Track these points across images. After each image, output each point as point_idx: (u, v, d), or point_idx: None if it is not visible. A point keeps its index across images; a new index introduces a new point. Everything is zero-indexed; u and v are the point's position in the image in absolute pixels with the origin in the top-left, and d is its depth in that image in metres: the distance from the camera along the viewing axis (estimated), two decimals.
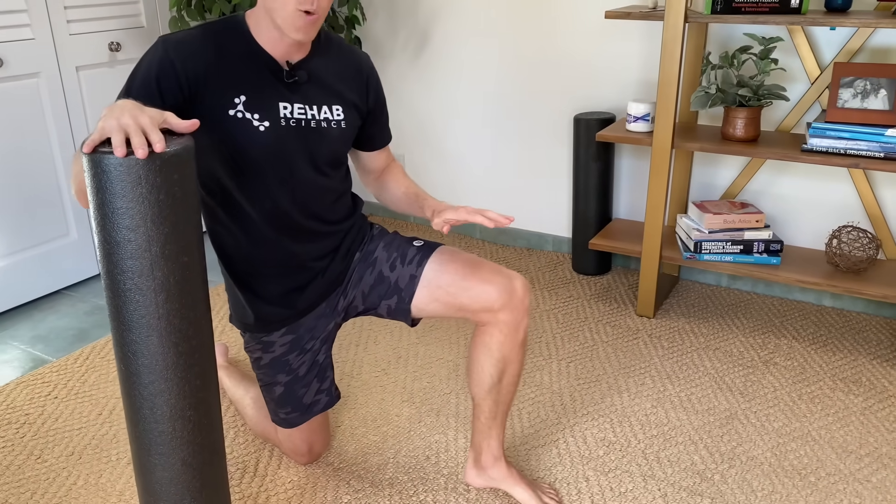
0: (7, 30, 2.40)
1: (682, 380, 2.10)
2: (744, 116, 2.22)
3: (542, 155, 2.91)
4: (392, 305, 1.55)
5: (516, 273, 1.48)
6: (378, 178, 1.68)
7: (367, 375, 2.15)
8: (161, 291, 1.14)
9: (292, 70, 1.41)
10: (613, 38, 2.62)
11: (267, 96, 1.39)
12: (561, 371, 2.16)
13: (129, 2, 2.76)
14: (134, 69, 1.34)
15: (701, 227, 2.35)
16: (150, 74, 1.31)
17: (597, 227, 2.71)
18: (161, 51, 1.33)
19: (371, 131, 1.60)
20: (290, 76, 1.41)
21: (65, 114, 2.61)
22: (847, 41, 2.25)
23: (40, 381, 2.14)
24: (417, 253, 1.53)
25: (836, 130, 2.08)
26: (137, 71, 1.33)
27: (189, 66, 1.33)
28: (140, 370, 1.18)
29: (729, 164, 2.56)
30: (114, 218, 1.09)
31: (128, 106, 1.10)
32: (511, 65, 2.85)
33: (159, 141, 1.05)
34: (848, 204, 2.41)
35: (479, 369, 1.52)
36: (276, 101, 1.40)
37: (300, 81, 1.42)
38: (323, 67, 1.46)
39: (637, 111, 2.38)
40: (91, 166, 1.07)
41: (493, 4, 2.81)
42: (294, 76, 1.41)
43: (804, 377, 2.11)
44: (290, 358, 1.60)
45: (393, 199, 1.64)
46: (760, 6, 2.07)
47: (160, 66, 1.32)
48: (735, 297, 2.59)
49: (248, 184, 1.43)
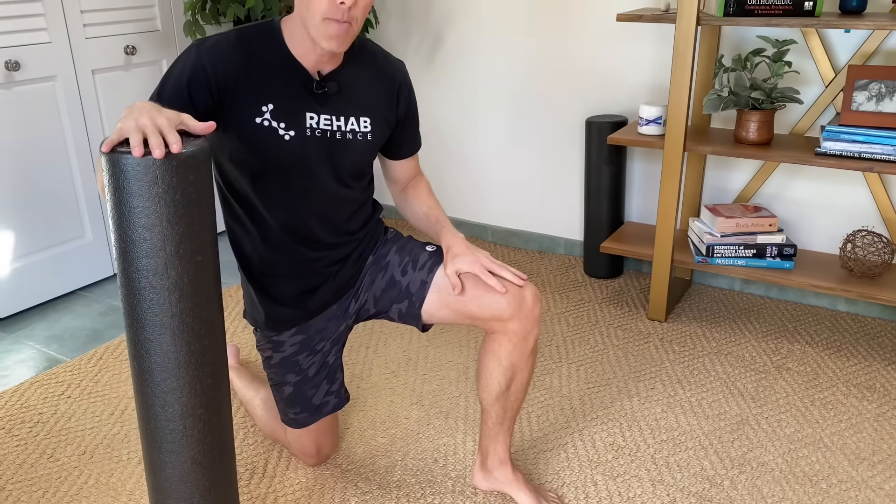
0: (24, 33, 2.43)
1: (693, 384, 2.09)
2: (757, 119, 2.21)
3: (554, 158, 2.91)
4: (403, 310, 1.55)
5: (528, 282, 1.48)
6: (403, 189, 1.67)
7: (376, 378, 2.15)
8: (175, 290, 1.15)
9: (322, 81, 1.42)
10: (625, 41, 2.62)
11: (294, 106, 1.40)
12: (571, 374, 2.15)
13: (144, 6, 2.79)
14: (166, 73, 1.36)
15: (713, 230, 2.34)
16: (182, 79, 1.33)
17: (609, 231, 2.70)
18: (194, 56, 1.34)
19: (399, 140, 1.59)
20: (320, 87, 1.42)
21: (80, 116, 2.64)
22: (862, 44, 2.23)
23: (54, 381, 2.16)
24: (429, 258, 1.54)
25: (851, 134, 2.07)
26: (170, 75, 1.34)
27: (220, 71, 1.34)
28: (152, 368, 1.19)
29: (742, 168, 2.55)
30: (130, 217, 1.10)
31: (146, 107, 1.11)
32: (523, 68, 2.86)
33: (176, 142, 1.06)
34: (862, 208, 2.39)
35: (488, 376, 1.52)
36: (303, 111, 1.41)
37: (329, 93, 1.43)
38: (354, 78, 1.46)
39: (649, 114, 2.38)
40: (109, 166, 1.09)
41: (504, 8, 2.82)
42: (324, 87, 1.42)
43: (817, 383, 2.09)
44: (300, 358, 1.60)
45: (414, 216, 1.62)
46: (773, 8, 2.06)
47: (192, 71, 1.33)
48: (748, 302, 2.58)
49: (270, 191, 1.44)
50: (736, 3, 2.08)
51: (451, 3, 2.93)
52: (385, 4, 3.10)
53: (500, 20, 2.85)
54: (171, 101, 1.31)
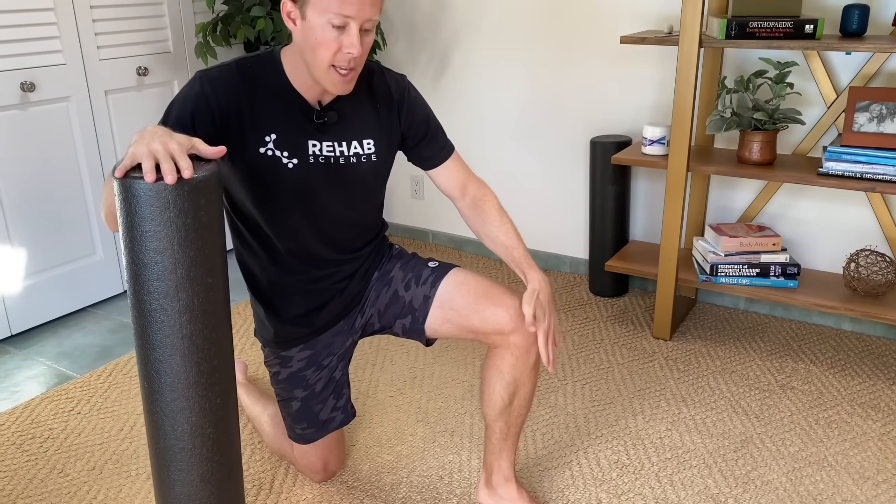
0: (40, 55, 2.49)
1: (698, 403, 2.11)
2: (759, 140, 2.23)
3: (558, 177, 2.94)
4: (407, 325, 1.58)
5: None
6: (470, 206, 1.61)
7: (382, 395, 2.17)
8: (185, 312, 1.18)
9: (322, 111, 1.45)
10: (629, 62, 2.65)
11: (297, 135, 1.43)
12: (576, 393, 2.17)
13: (156, 28, 2.84)
14: (171, 103, 1.39)
15: (717, 249, 2.36)
16: (186, 109, 1.36)
17: (613, 249, 2.72)
18: (197, 86, 1.37)
19: (421, 149, 1.58)
20: (320, 117, 1.45)
21: (93, 136, 2.69)
22: (863, 66, 2.26)
23: (64, 397, 2.19)
24: (432, 274, 1.56)
25: (853, 154, 2.09)
26: (174, 105, 1.38)
27: (223, 103, 1.37)
28: (163, 388, 1.22)
29: (745, 187, 2.57)
30: (142, 241, 1.13)
31: (158, 132, 1.14)
32: (528, 88, 2.89)
33: (188, 167, 1.09)
34: (865, 227, 2.41)
35: (491, 391, 1.54)
36: (305, 139, 1.44)
37: (329, 122, 1.46)
38: (353, 104, 1.48)
39: (653, 134, 2.40)
40: (121, 191, 1.12)
41: (510, 29, 2.86)
42: (323, 117, 1.45)
43: (821, 402, 2.10)
44: (308, 374, 1.63)
45: (491, 243, 1.59)
46: (775, 31, 2.09)
47: (195, 102, 1.36)
48: (752, 320, 2.59)
49: (276, 217, 1.47)
50: (738, 26, 2.11)
51: (458, 26, 2.98)
52: (393, 26, 3.15)
53: (505, 42, 2.89)
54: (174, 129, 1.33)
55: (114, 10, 2.68)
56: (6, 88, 2.41)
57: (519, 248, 1.55)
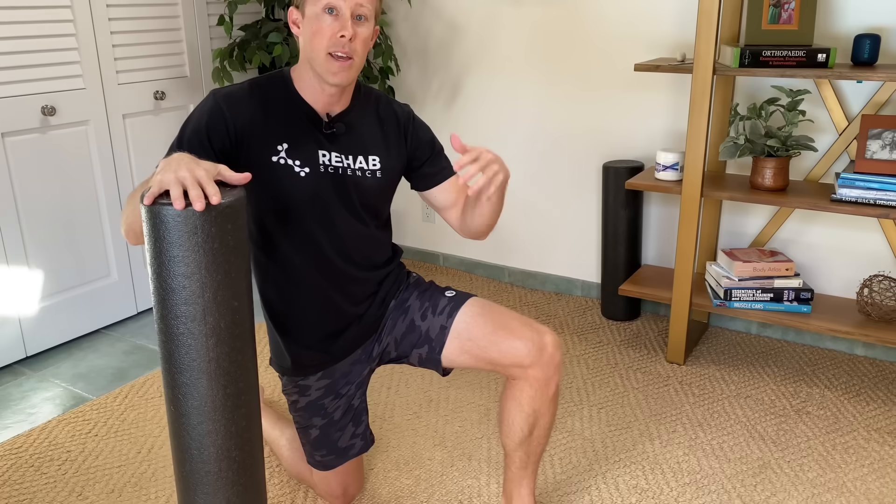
0: (61, 80, 2.53)
1: (714, 427, 2.10)
2: (772, 166, 2.25)
3: (570, 201, 2.96)
4: (423, 355, 1.58)
5: (547, 328, 1.51)
6: (461, 209, 1.61)
7: (398, 419, 2.17)
8: (212, 336, 1.19)
9: (331, 122, 1.48)
10: (640, 88, 2.68)
11: (307, 144, 1.46)
12: (592, 417, 2.16)
13: (174, 53, 2.89)
14: (187, 119, 1.43)
15: (731, 274, 2.37)
16: (201, 123, 1.40)
17: (626, 273, 2.73)
18: (211, 102, 1.42)
19: (425, 170, 1.60)
20: (329, 127, 1.48)
21: (111, 159, 2.72)
22: (874, 94, 2.28)
23: (81, 419, 2.20)
24: (449, 303, 1.57)
25: (866, 181, 2.11)
26: (190, 120, 1.41)
27: (237, 115, 1.41)
28: (189, 411, 1.23)
29: (758, 213, 2.58)
30: (170, 266, 1.15)
31: (184, 159, 1.16)
32: (541, 113, 2.92)
33: (215, 194, 1.11)
34: (878, 253, 2.42)
35: (510, 422, 1.54)
36: (315, 149, 1.47)
37: (338, 133, 1.49)
38: (360, 120, 1.52)
39: (666, 160, 2.43)
40: (150, 217, 1.14)
41: (522, 55, 2.90)
42: (332, 128, 1.48)
43: (838, 427, 2.10)
44: (326, 402, 1.63)
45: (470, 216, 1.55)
46: (788, 60, 2.12)
47: (210, 115, 1.40)
48: (765, 345, 2.59)
49: (290, 227, 1.49)
50: (751, 55, 2.13)
51: (470, 51, 3.02)
52: (406, 52, 3.19)
53: (517, 68, 2.92)
54: (191, 144, 1.38)
55: (133, 35, 2.73)
56: (28, 112, 2.45)
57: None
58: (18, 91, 2.42)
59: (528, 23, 2.85)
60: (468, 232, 1.61)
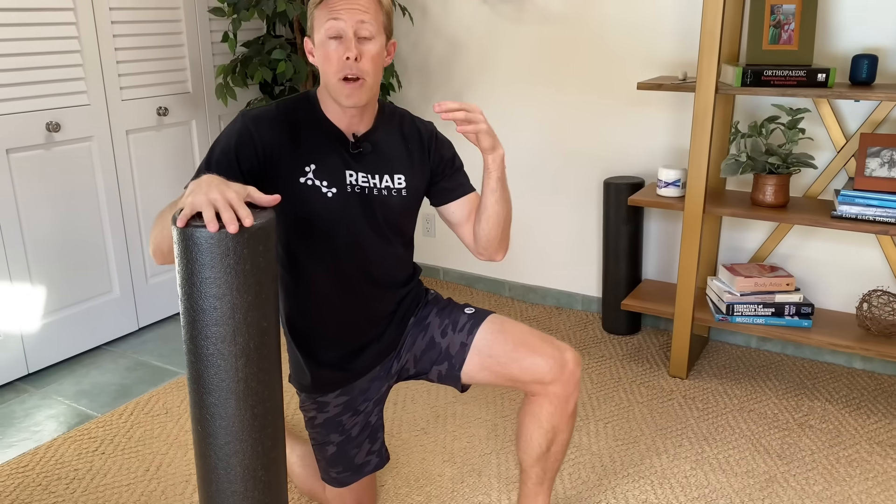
0: (66, 96, 2.53)
1: (719, 441, 2.13)
2: (773, 183, 2.29)
3: (570, 216, 2.99)
4: (443, 371, 1.60)
5: (567, 345, 1.53)
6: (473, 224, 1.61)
7: (406, 435, 2.18)
8: (241, 356, 1.20)
9: (357, 142, 1.50)
10: (641, 105, 2.72)
11: (334, 165, 1.48)
12: (599, 432, 2.18)
13: (176, 69, 2.89)
14: (215, 140, 1.44)
15: (732, 289, 2.40)
16: (230, 143, 1.41)
17: (627, 288, 2.76)
18: (240, 123, 1.43)
19: (443, 185, 1.62)
20: (356, 147, 1.50)
21: (114, 175, 2.72)
22: (871, 112, 2.33)
23: (87, 437, 2.18)
24: (468, 320, 1.59)
25: (865, 198, 2.15)
26: (218, 141, 1.42)
27: (266, 137, 1.43)
28: (217, 431, 1.23)
29: (757, 228, 2.62)
30: (201, 287, 1.16)
31: (214, 181, 1.17)
32: (542, 130, 2.96)
33: (248, 216, 1.13)
34: (875, 268, 2.46)
35: (528, 438, 1.56)
36: (342, 169, 1.49)
37: (364, 152, 1.51)
38: (386, 139, 1.54)
39: (668, 177, 2.46)
40: (182, 239, 1.15)
41: (523, 73, 2.93)
42: (359, 147, 1.50)
43: (840, 440, 2.13)
44: (344, 419, 1.64)
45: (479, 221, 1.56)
46: (788, 80, 2.16)
47: (239, 137, 1.42)
48: (765, 359, 2.63)
49: (316, 247, 1.50)
50: (753, 74, 2.18)
51: (471, 68, 3.05)
52: (407, 69, 3.22)
53: (518, 85, 2.96)
54: (219, 165, 1.39)
55: (137, 52, 2.73)
56: (33, 129, 2.44)
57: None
58: (23, 107, 2.42)
59: (529, 40, 2.89)
60: (482, 247, 1.59)
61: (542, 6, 2.82)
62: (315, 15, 1.43)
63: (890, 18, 2.26)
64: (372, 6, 1.42)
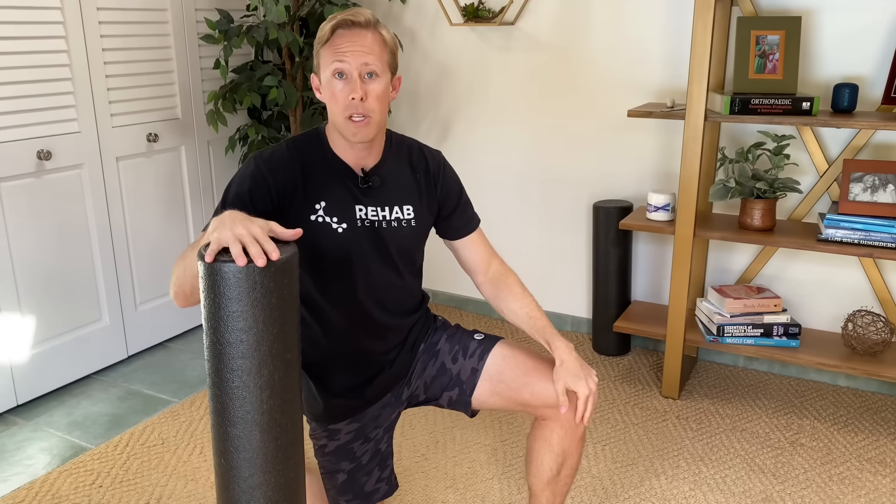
0: (57, 124, 2.51)
1: (715, 462, 2.17)
2: (761, 207, 2.36)
3: (559, 239, 3.03)
4: (453, 397, 1.62)
5: None
6: (491, 283, 1.66)
7: (407, 461, 2.19)
8: (266, 388, 1.21)
9: (366, 176, 1.52)
10: (629, 131, 2.78)
11: (344, 201, 1.50)
12: (597, 454, 2.21)
13: (166, 95, 2.89)
14: (229, 183, 1.46)
15: (722, 311, 2.46)
16: (244, 187, 1.43)
17: (617, 309, 2.81)
18: (253, 166, 1.45)
19: (451, 220, 1.65)
20: (365, 181, 1.52)
21: (104, 202, 2.70)
22: (852, 138, 2.42)
23: (83, 469, 2.15)
24: (479, 346, 1.61)
25: (850, 222, 2.23)
26: (232, 184, 1.44)
27: (279, 178, 1.45)
28: (241, 464, 1.23)
29: (744, 250, 2.69)
30: (228, 321, 1.17)
31: (237, 217, 1.19)
32: (530, 154, 3.01)
33: (274, 250, 1.14)
34: (858, 287, 2.54)
35: (539, 462, 1.58)
36: (352, 204, 1.51)
37: (373, 186, 1.53)
38: (394, 171, 1.57)
39: (657, 201, 2.52)
40: (209, 274, 1.15)
41: (511, 98, 2.98)
42: (368, 182, 1.52)
43: (831, 458, 2.19)
44: (355, 446, 1.65)
45: (513, 316, 1.62)
46: (775, 108, 2.24)
47: (253, 180, 1.43)
48: (753, 378, 2.69)
49: (327, 281, 1.52)
50: (741, 103, 2.25)
51: (460, 95, 3.09)
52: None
53: (506, 110, 3.01)
54: (234, 206, 1.40)
55: (127, 78, 2.73)
56: (23, 157, 2.42)
57: (542, 318, 1.60)
58: (15, 136, 2.39)
59: (518, 67, 2.94)
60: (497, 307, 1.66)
61: (531, 34, 2.88)
62: (321, 54, 1.45)
63: (868, 48, 2.36)
64: (376, 45, 1.44)
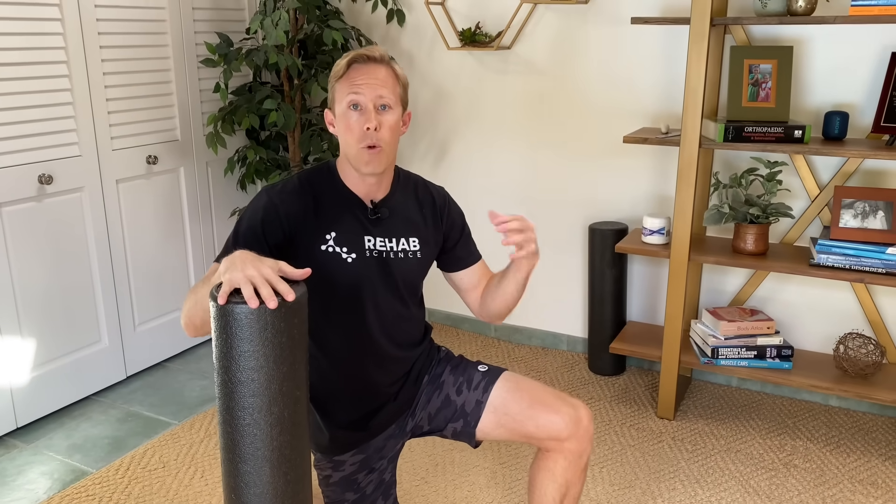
0: (58, 148, 2.53)
1: (711, 484, 2.20)
2: (754, 232, 2.41)
3: (556, 259, 3.07)
4: (458, 428, 1.64)
5: (581, 402, 1.59)
6: (482, 291, 1.71)
7: (407, 485, 2.21)
8: (276, 425, 1.23)
9: (375, 208, 1.56)
10: (623, 155, 2.83)
11: (354, 231, 1.53)
12: (595, 477, 2.24)
13: (166, 117, 2.91)
14: (241, 215, 1.49)
15: (717, 333, 2.50)
16: (256, 219, 1.46)
17: (612, 330, 2.85)
18: (265, 199, 1.49)
19: (456, 252, 1.70)
20: (374, 213, 1.55)
21: (104, 224, 2.71)
22: (843, 165, 2.47)
23: (84, 494, 2.16)
24: (483, 378, 1.64)
25: (841, 248, 2.28)
26: (244, 217, 1.47)
27: (290, 211, 1.48)
28: (251, 500, 1.26)
29: (737, 273, 2.74)
30: (240, 360, 1.19)
31: (248, 258, 1.21)
32: (527, 177, 3.04)
33: (289, 292, 1.17)
34: (849, 310, 2.59)
35: (542, 492, 1.60)
36: (361, 235, 1.54)
37: (382, 217, 1.56)
38: (402, 204, 1.61)
39: (653, 225, 2.56)
40: (220, 315, 1.18)
41: (508, 121, 3.02)
42: (377, 213, 1.56)
43: (824, 480, 2.22)
44: (359, 477, 1.67)
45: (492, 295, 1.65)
46: (768, 135, 2.29)
47: (265, 211, 1.47)
48: (746, 398, 2.73)
49: (335, 311, 1.54)
50: (734, 130, 2.30)
51: (457, 116, 3.13)
52: None
53: (503, 133, 3.04)
54: (246, 239, 1.45)
55: (127, 101, 2.75)
56: (25, 181, 2.44)
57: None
58: (17, 161, 2.41)
59: (514, 90, 2.98)
60: (486, 314, 1.70)
61: (527, 59, 2.92)
62: (336, 88, 1.50)
63: (858, 77, 2.41)
64: (390, 79, 1.50)
